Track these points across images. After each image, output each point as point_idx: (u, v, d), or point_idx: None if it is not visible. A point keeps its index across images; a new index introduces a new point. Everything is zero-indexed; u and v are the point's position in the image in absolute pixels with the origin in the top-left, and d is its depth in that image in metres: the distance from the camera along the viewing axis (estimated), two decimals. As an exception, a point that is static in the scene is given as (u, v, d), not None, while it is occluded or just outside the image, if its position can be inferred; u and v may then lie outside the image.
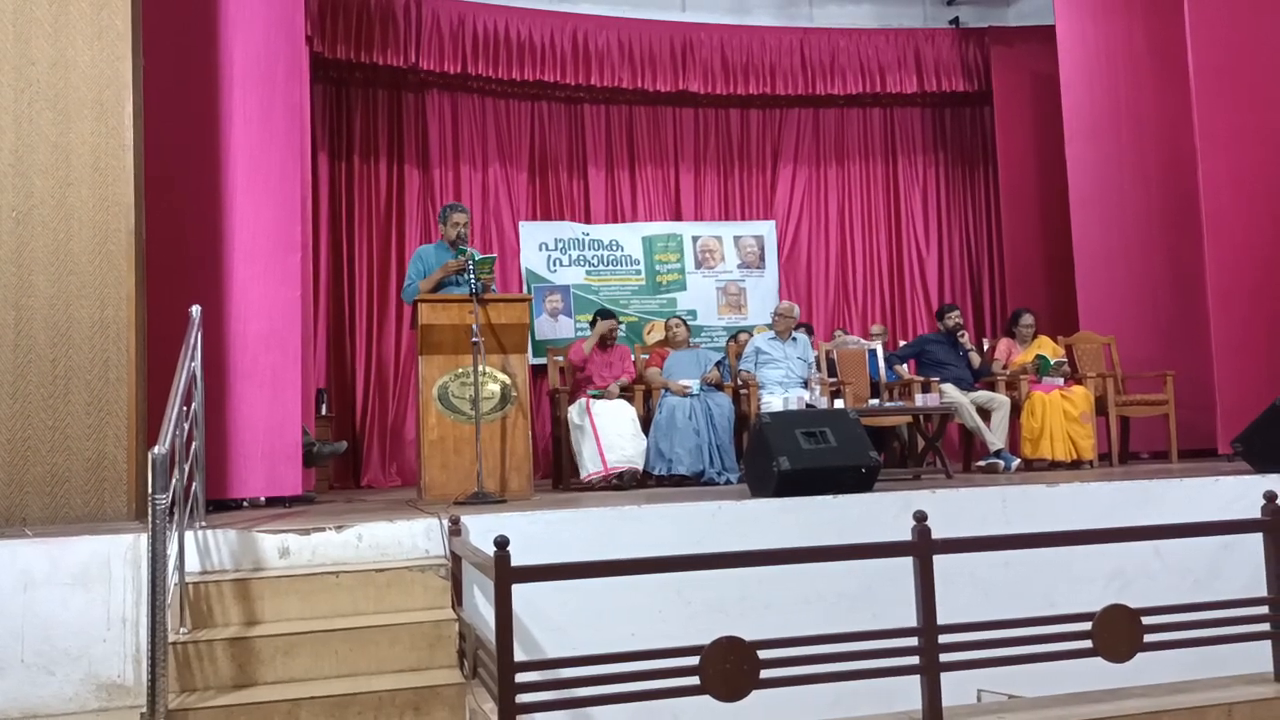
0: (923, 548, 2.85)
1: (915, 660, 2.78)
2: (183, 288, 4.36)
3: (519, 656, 2.56)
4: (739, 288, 8.92)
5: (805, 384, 6.24)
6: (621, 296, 8.60)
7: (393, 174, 8.27)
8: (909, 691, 2.83)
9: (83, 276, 4.06)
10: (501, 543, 2.56)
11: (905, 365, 7.05)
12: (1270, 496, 3.19)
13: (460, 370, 4.82)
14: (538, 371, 7.66)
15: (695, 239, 8.87)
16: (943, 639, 2.80)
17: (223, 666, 3.08)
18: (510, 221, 8.54)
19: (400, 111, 8.33)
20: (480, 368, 4.70)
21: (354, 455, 7.86)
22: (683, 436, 5.95)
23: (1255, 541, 3.19)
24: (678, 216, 8.95)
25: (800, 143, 9.27)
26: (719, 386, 6.36)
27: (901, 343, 7.99)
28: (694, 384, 6.21)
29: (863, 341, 7.20)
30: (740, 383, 6.45)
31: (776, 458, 4.23)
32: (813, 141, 9.30)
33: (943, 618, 2.81)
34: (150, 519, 2.75)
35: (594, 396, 6.07)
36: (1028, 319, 6.88)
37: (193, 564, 3.40)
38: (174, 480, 3.02)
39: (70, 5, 4.16)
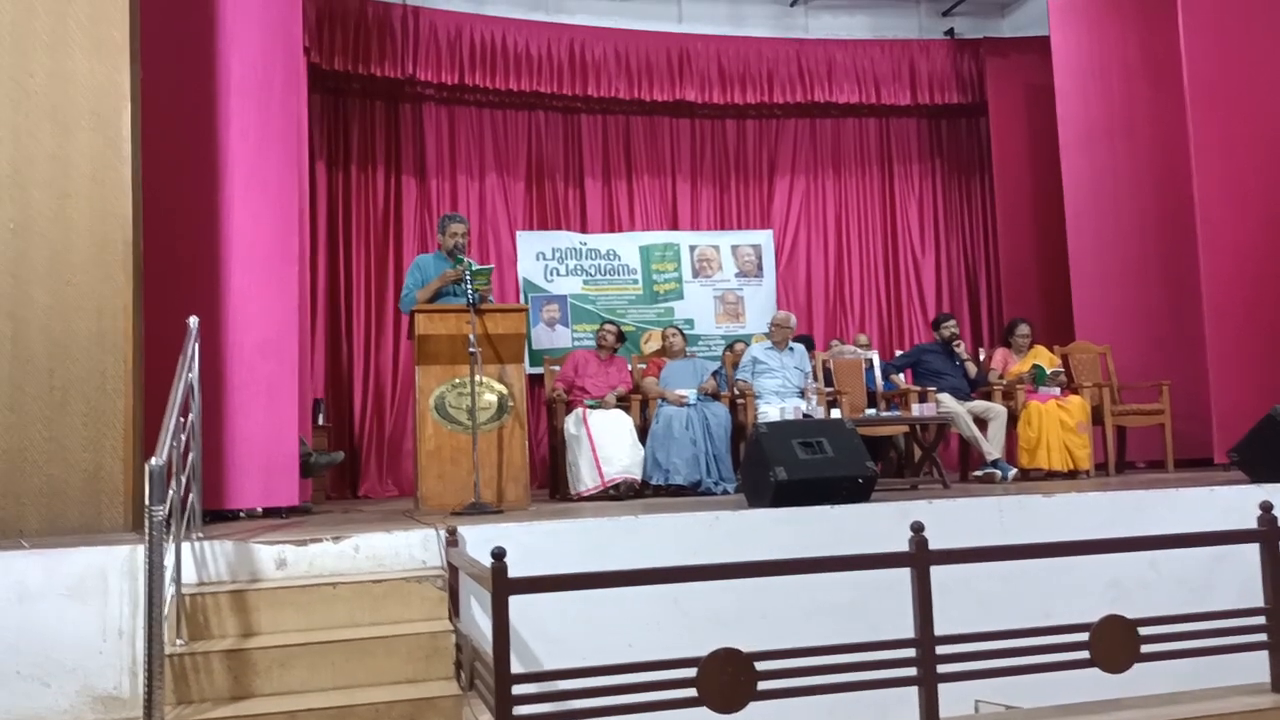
0: (920, 558, 2.85)
1: (913, 671, 2.78)
2: (180, 299, 4.35)
3: (516, 668, 2.56)
4: (736, 296, 8.94)
5: (802, 394, 6.25)
6: (619, 306, 8.61)
7: (390, 184, 8.29)
8: (907, 702, 2.83)
9: (80, 288, 4.05)
10: (498, 554, 2.56)
11: (902, 375, 7.05)
12: (1266, 506, 3.20)
13: (457, 380, 4.83)
14: (535, 381, 7.67)
15: (692, 248, 8.88)
16: (940, 650, 2.80)
17: (219, 678, 3.08)
18: (507, 231, 8.55)
19: (397, 122, 8.35)
20: (477, 378, 4.70)
21: (351, 465, 7.85)
22: (679, 446, 5.95)
23: (1251, 552, 3.19)
24: (675, 226, 8.96)
25: (797, 152, 9.30)
26: (716, 396, 6.37)
27: (898, 352, 8.00)
28: (691, 394, 6.21)
29: (859, 351, 7.21)
30: (737, 392, 6.46)
31: (773, 468, 4.23)
32: (809, 151, 9.33)
33: (940, 628, 2.81)
34: (147, 530, 2.75)
35: (590, 406, 6.07)
36: (1024, 329, 6.90)
37: (189, 575, 3.40)
38: (171, 491, 3.02)
39: (68, 18, 4.16)
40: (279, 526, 4.30)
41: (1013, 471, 6.20)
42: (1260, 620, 3.10)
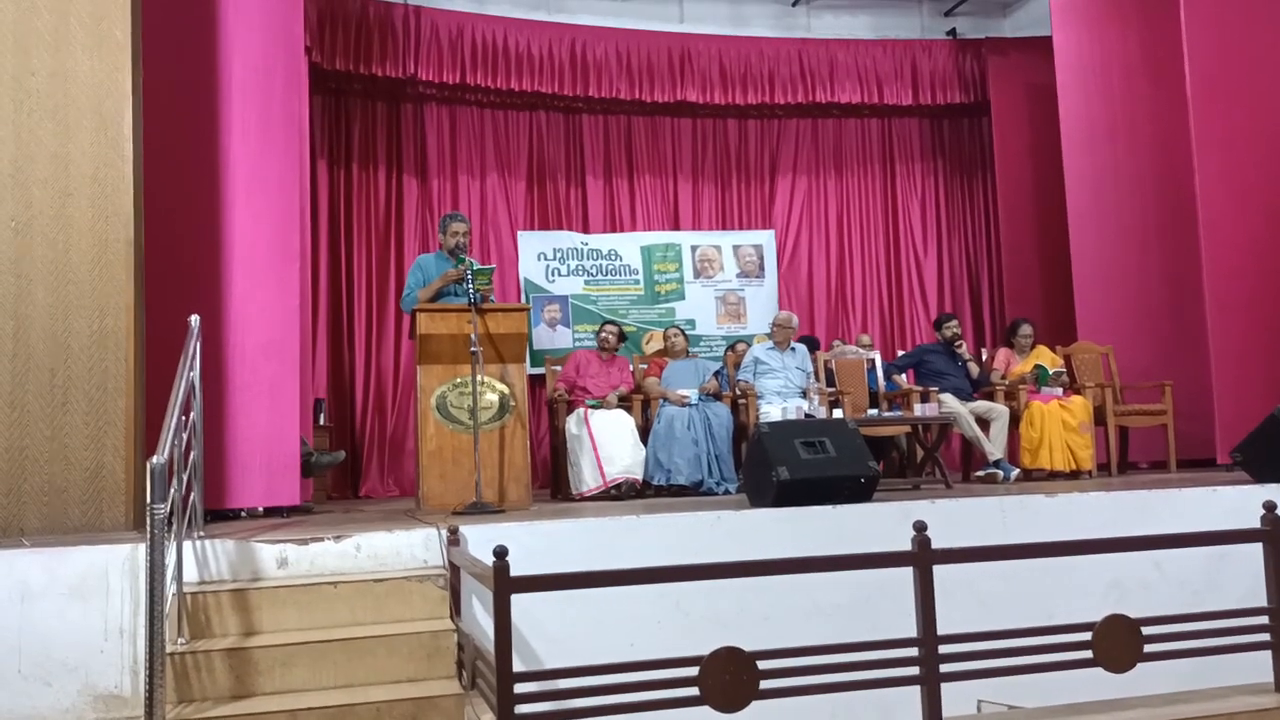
0: (922, 558, 2.85)
1: (915, 671, 2.77)
2: (181, 298, 4.35)
3: (517, 667, 2.56)
4: (738, 297, 8.93)
5: (804, 394, 6.24)
6: (620, 306, 8.61)
7: (391, 184, 8.29)
8: (909, 702, 2.82)
9: (82, 287, 4.06)
10: (500, 553, 2.56)
11: (904, 375, 7.05)
12: (1269, 506, 3.19)
13: (459, 380, 4.82)
14: (536, 382, 7.67)
15: (694, 248, 8.88)
16: (942, 649, 2.79)
17: (221, 677, 3.07)
18: (508, 231, 8.55)
19: (399, 122, 8.35)
20: (479, 377, 4.69)
21: (352, 465, 7.85)
22: (681, 446, 5.94)
23: (1255, 551, 3.18)
24: (676, 226, 8.96)
25: (799, 152, 9.30)
26: (717, 396, 6.36)
27: (900, 352, 8.00)
28: (692, 394, 6.21)
29: (861, 351, 7.20)
30: (739, 392, 6.46)
31: (775, 467, 4.22)
32: (811, 151, 9.32)
33: (942, 628, 2.81)
34: (148, 529, 2.75)
35: (592, 407, 6.06)
36: (1026, 329, 6.89)
37: (191, 574, 3.39)
38: (172, 490, 3.02)
39: (70, 16, 4.16)
40: (280, 526, 4.30)
41: (1015, 472, 6.19)
42: (1263, 620, 3.10)
